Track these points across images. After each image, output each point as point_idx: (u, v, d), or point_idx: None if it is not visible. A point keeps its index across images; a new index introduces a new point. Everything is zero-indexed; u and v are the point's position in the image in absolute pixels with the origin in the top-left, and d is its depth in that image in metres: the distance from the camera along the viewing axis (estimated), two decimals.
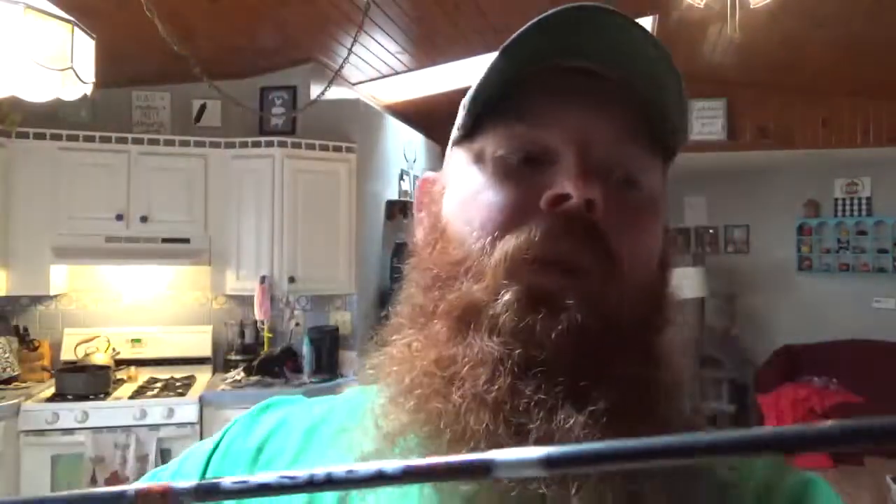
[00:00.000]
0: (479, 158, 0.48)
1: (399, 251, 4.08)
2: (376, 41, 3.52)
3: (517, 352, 0.41)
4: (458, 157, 0.51)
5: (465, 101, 0.50)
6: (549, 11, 0.43)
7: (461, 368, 0.42)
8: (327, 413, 0.55)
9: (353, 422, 0.48)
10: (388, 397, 0.46)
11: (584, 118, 0.46)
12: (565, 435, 0.39)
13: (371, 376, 0.48)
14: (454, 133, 0.52)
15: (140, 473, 2.91)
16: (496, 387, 0.41)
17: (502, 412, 0.40)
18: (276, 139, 3.50)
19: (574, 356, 0.41)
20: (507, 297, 0.43)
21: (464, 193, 0.49)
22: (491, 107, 0.48)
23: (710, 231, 6.49)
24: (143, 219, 3.36)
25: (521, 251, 0.43)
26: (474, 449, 0.40)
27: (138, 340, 3.58)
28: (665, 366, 0.45)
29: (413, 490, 0.44)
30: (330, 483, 0.23)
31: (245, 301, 3.67)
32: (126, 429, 2.98)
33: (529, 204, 0.45)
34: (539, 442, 0.39)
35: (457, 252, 0.47)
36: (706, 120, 4.95)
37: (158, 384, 3.32)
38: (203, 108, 3.75)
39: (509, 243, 0.44)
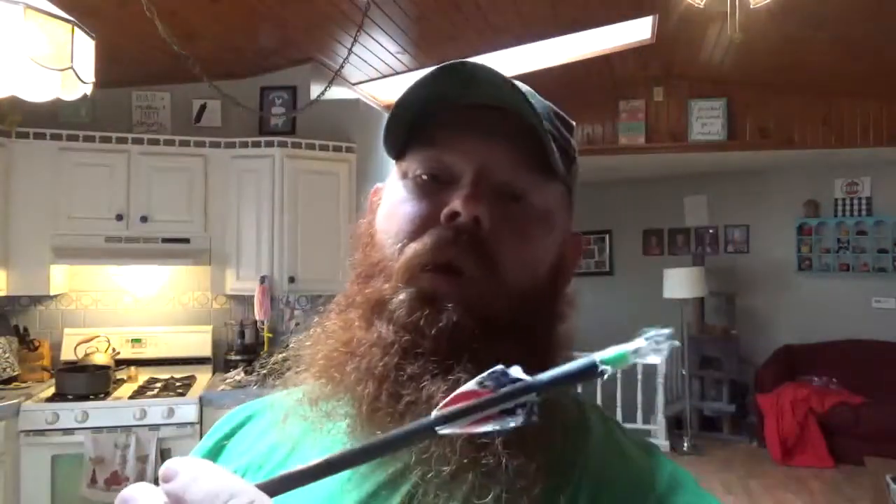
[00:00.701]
0: (404, 176, 0.58)
1: None
2: (376, 41, 3.52)
3: (405, 339, 0.51)
4: (393, 173, 0.61)
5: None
6: (443, 63, 0.53)
7: (359, 348, 0.53)
8: (284, 398, 0.63)
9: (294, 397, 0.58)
10: (303, 368, 0.57)
11: (483, 146, 0.55)
12: (427, 400, 0.48)
13: (292, 350, 0.60)
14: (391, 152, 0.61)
15: (140, 473, 2.91)
16: (383, 363, 0.51)
17: (386, 383, 0.51)
18: (275, 139, 3.50)
19: (448, 345, 0.50)
20: (402, 296, 0.53)
21: (389, 205, 0.59)
22: (415, 134, 0.57)
23: (710, 231, 6.49)
24: (143, 219, 3.36)
25: (418, 257, 0.53)
26: (359, 408, 0.51)
27: (138, 340, 3.58)
28: (538, 355, 0.52)
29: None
30: None
31: (245, 301, 3.67)
32: (126, 429, 2.98)
33: (431, 217, 0.54)
34: (409, 405, 0.49)
35: (376, 255, 0.57)
36: (706, 120, 4.95)
37: (158, 384, 3.32)
38: (203, 108, 3.75)
39: (410, 250, 0.54)
